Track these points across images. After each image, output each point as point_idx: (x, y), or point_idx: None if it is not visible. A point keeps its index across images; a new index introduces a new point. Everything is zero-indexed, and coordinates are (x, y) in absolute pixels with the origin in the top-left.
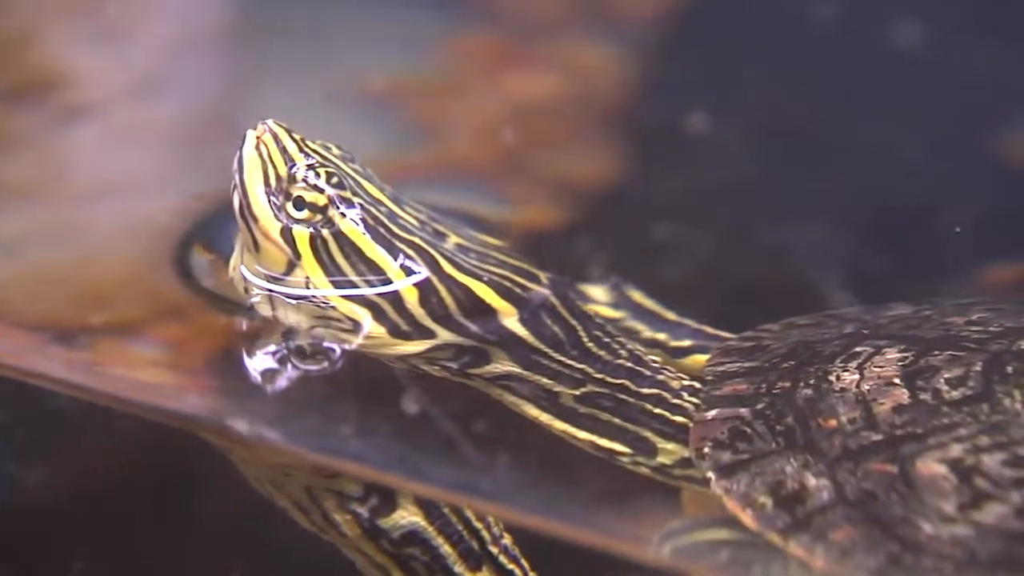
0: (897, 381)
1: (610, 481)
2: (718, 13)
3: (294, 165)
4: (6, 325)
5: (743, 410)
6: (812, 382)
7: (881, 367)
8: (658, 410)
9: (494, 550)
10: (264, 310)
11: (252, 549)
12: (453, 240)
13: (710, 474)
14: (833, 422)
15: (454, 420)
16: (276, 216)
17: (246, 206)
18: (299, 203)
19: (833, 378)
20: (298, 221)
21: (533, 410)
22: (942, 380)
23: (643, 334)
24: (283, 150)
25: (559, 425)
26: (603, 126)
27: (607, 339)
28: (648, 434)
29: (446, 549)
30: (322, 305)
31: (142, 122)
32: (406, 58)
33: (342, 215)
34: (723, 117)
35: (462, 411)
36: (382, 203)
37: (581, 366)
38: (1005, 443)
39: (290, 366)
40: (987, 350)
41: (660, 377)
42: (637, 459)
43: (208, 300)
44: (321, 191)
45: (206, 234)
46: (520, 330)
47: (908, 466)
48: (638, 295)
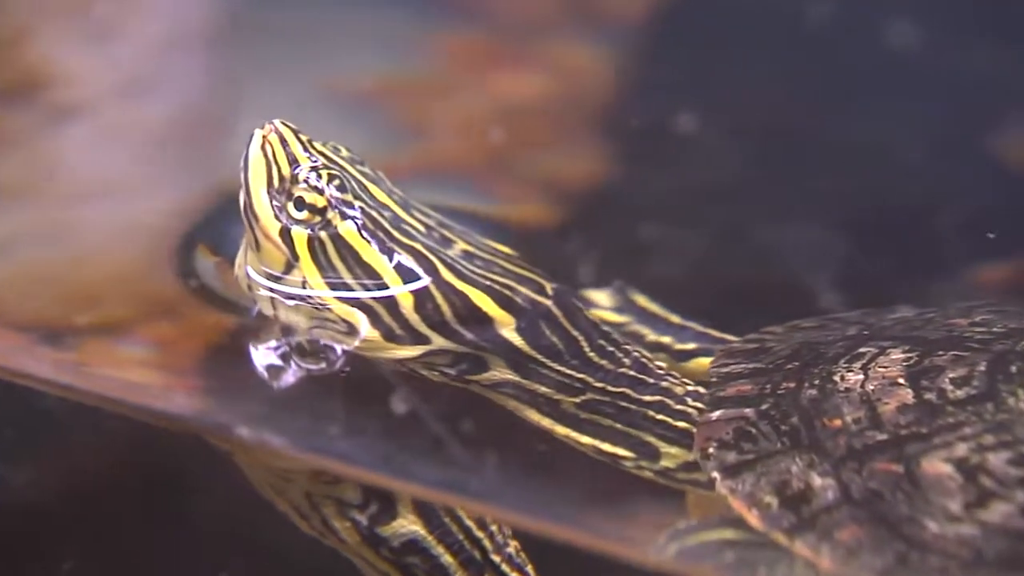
0: (902, 381)
1: (606, 483)
2: (706, 13)
3: (297, 166)
4: None
5: (748, 411)
6: (817, 383)
7: (885, 367)
8: (660, 416)
9: (496, 559)
10: (266, 309)
11: (240, 549)
12: (460, 247)
13: (715, 474)
14: (838, 422)
15: (441, 420)
16: (277, 216)
17: (249, 205)
18: (300, 204)
19: (838, 378)
20: (298, 222)
21: (534, 415)
22: (947, 380)
23: (647, 338)
24: (288, 151)
25: (561, 430)
26: (591, 126)
27: (611, 348)
28: (651, 439)
29: (447, 559)
30: (319, 307)
31: (132, 122)
32: (394, 58)
33: (341, 218)
34: (711, 117)
35: (449, 411)
36: (386, 207)
37: (581, 375)
38: (1010, 442)
39: (290, 366)
40: (991, 350)
41: (664, 384)
42: (640, 463)
43: (208, 299)
44: (321, 193)
45: (206, 234)
46: (517, 339)
47: (913, 465)
48: (642, 299)
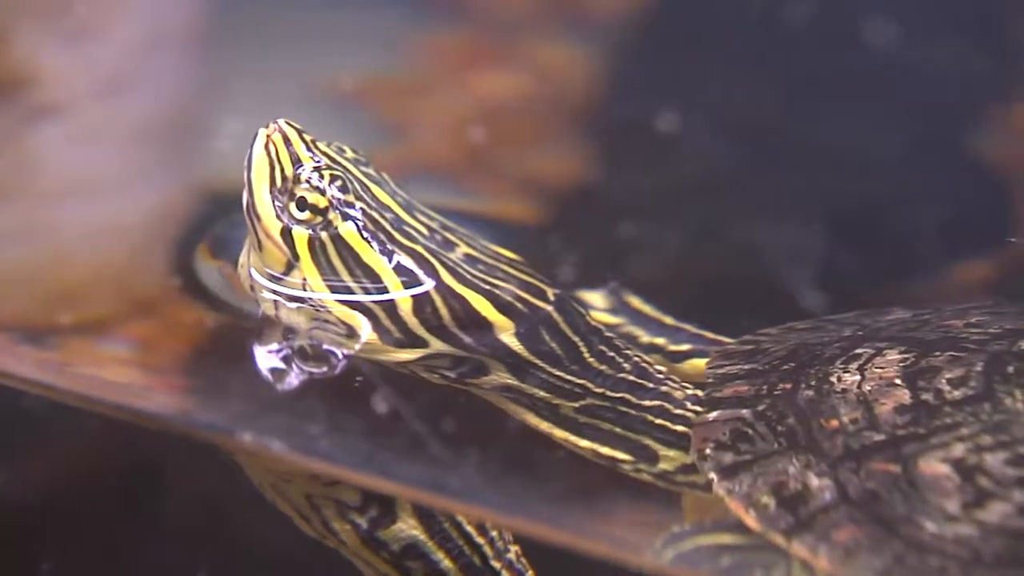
0: (898, 382)
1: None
2: (686, 12)
3: (300, 166)
4: None
5: (744, 411)
6: (813, 383)
7: (882, 368)
8: (660, 420)
9: (496, 564)
10: (268, 309)
11: (220, 548)
12: (462, 250)
13: (712, 475)
14: (835, 422)
15: (424, 419)
16: (278, 216)
17: (251, 204)
18: (301, 204)
19: (834, 379)
20: (299, 222)
21: (533, 418)
22: (943, 380)
23: (641, 339)
24: (291, 150)
25: (560, 433)
26: (572, 125)
27: (611, 353)
28: (649, 442)
29: (447, 564)
30: (319, 308)
31: (112, 121)
32: (375, 57)
33: (342, 218)
34: (692, 115)
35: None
36: (388, 208)
37: (581, 381)
38: (1007, 442)
39: (292, 369)
40: (987, 351)
41: (664, 388)
42: (639, 466)
43: (200, 299)
44: (323, 193)
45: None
46: (516, 345)
47: (911, 466)
48: (636, 300)
